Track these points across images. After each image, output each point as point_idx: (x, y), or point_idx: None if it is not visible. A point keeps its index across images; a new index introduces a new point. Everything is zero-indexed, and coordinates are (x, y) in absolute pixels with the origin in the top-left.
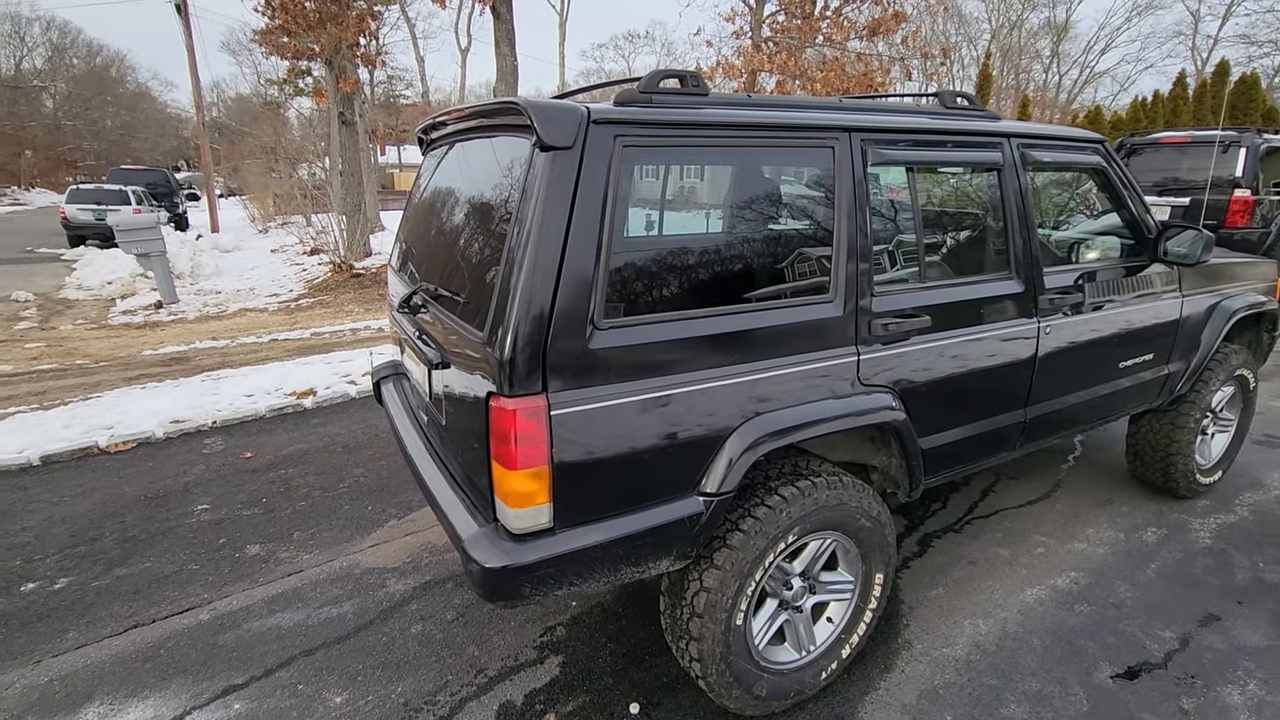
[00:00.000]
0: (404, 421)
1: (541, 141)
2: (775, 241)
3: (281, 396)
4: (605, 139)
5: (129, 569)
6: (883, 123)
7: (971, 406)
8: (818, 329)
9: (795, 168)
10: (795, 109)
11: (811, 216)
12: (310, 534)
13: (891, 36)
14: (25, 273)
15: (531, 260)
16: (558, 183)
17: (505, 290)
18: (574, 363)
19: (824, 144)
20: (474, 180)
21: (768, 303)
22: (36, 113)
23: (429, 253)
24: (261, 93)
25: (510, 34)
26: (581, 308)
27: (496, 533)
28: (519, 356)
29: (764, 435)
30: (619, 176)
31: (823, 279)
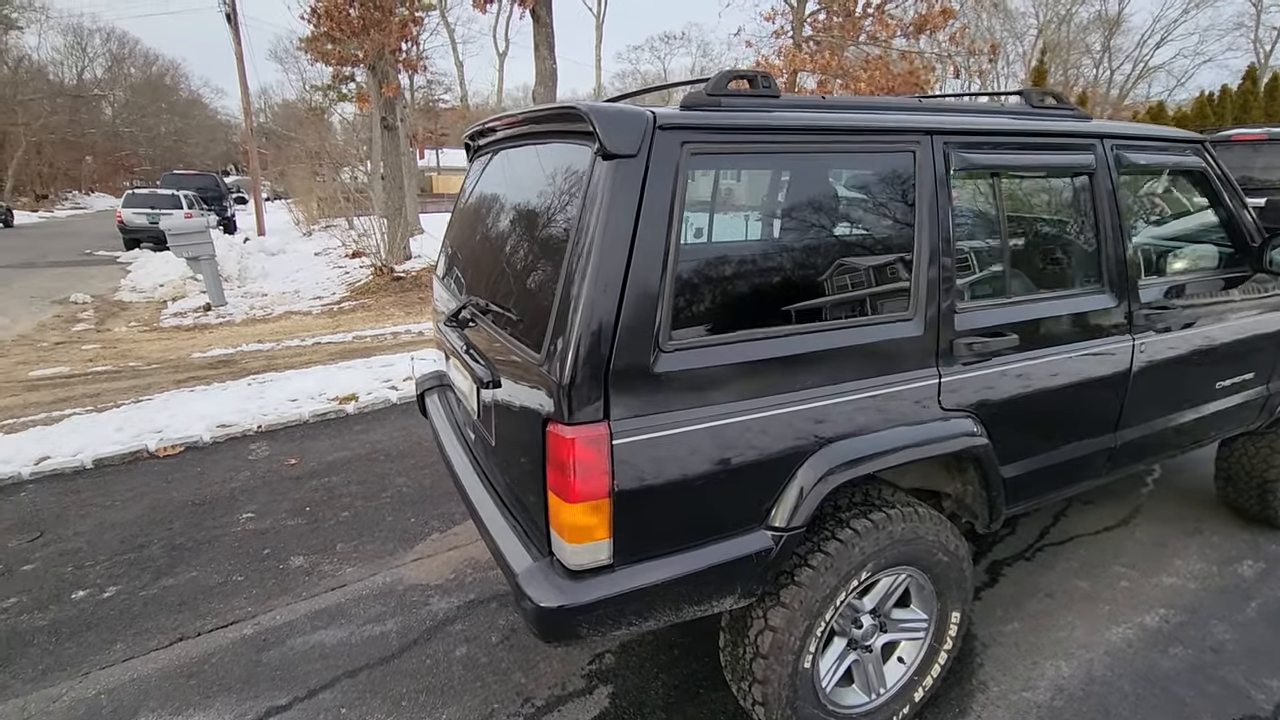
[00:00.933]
0: (450, 437)
1: (604, 149)
2: (850, 254)
3: (324, 401)
4: (671, 146)
5: (175, 579)
6: (966, 124)
7: (1058, 432)
8: (897, 349)
9: (873, 174)
10: (872, 111)
11: (891, 229)
12: (353, 546)
13: (938, 34)
14: (84, 275)
15: (593, 278)
16: (621, 194)
17: (564, 309)
18: (637, 387)
19: (904, 148)
20: (527, 189)
21: (842, 321)
22: (96, 120)
23: (477, 264)
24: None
25: (550, 37)
26: (646, 328)
27: (552, 568)
28: (579, 381)
29: (839, 465)
30: (686, 187)
31: (902, 295)
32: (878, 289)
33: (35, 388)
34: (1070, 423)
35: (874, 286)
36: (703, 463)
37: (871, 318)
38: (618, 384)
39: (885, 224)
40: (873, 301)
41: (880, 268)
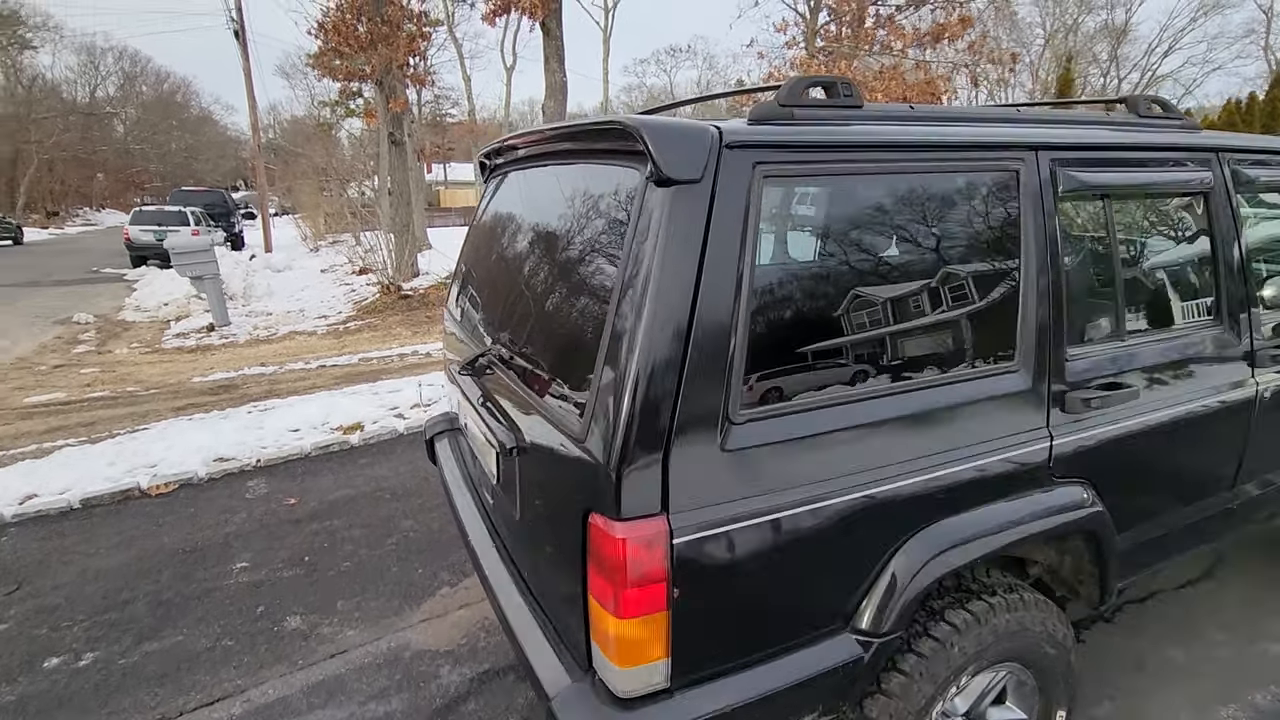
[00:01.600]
0: (463, 495)
1: (659, 173)
2: (947, 296)
3: (327, 431)
4: (742, 168)
5: (159, 643)
6: (1074, 138)
7: (1177, 492)
8: (1000, 407)
9: (970, 198)
10: (969, 123)
11: (991, 261)
12: (355, 603)
13: (956, 42)
14: (89, 294)
15: (648, 334)
16: (681, 229)
17: (611, 372)
18: (703, 470)
19: (1006, 166)
20: (557, 218)
21: (938, 376)
22: (108, 137)
23: (498, 303)
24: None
25: (560, 50)
26: (714, 394)
27: (594, 691)
28: (632, 463)
29: (940, 551)
30: (759, 218)
31: (1007, 341)
32: (979, 336)
33: (29, 415)
34: (1190, 481)
35: (974, 333)
36: (780, 558)
37: (972, 370)
38: (680, 465)
39: (985, 257)
40: (973, 351)
41: (981, 310)
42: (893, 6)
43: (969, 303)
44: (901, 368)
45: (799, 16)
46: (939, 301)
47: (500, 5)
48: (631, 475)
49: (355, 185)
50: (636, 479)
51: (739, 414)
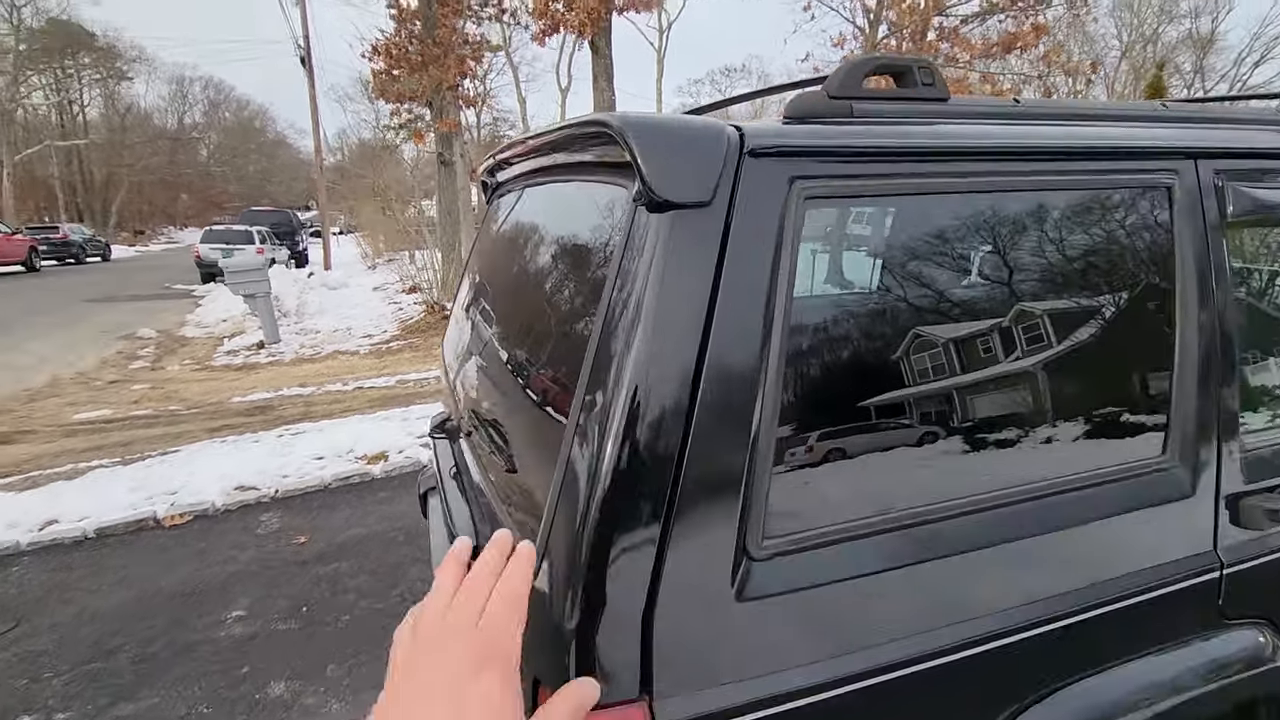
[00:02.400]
0: None
1: (649, 193)
2: (1066, 366)
3: (351, 460)
4: (773, 185)
5: (135, 704)
6: (1250, 142)
7: None
8: (1143, 520)
9: (1097, 222)
10: (1096, 122)
11: (1128, 312)
12: (347, 669)
13: (1029, 53)
14: (157, 309)
15: (625, 433)
16: (679, 274)
17: (575, 484)
18: (708, 632)
19: (1151, 179)
20: (537, 256)
21: (1054, 479)
22: (192, 161)
23: (474, 356)
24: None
25: (608, 69)
26: (724, 520)
27: None
28: (596, 624)
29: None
30: (795, 256)
31: (1150, 423)
32: (1112, 419)
33: (74, 433)
34: None
35: (1106, 416)
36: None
37: (1102, 468)
38: (670, 626)
39: (1122, 308)
40: (1104, 440)
41: (1118, 383)
42: (958, 19)
43: (1100, 374)
44: (1001, 471)
45: (857, 30)
46: (1058, 376)
47: (550, 25)
48: (594, 640)
49: (414, 204)
50: (602, 646)
51: (762, 545)
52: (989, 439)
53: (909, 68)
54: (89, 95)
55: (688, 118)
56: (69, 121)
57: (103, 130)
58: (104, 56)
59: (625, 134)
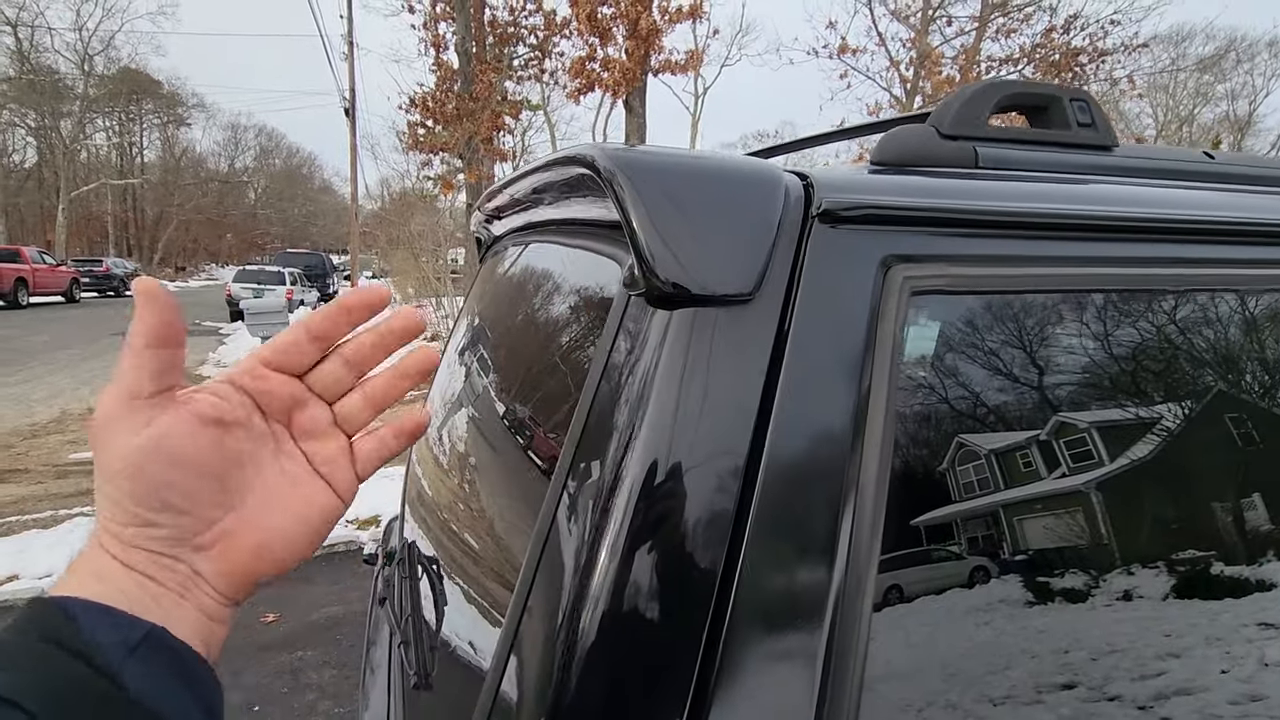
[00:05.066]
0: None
1: (650, 277)
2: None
3: (340, 525)
4: (859, 266)
5: None
6: None
7: None
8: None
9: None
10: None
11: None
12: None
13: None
14: None
15: (606, 634)
16: (703, 405)
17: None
18: None
19: None
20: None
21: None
22: (240, 203)
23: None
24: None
25: (642, 128)
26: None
27: None
28: None
29: None
30: (894, 384)
31: None
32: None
33: (65, 474)
34: None
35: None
36: None
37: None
38: None
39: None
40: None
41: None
42: None
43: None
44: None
45: (893, 99)
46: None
47: (585, 84)
48: None
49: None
50: None
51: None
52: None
53: (1057, 100)
54: (148, 138)
55: (721, 155)
56: (127, 162)
57: (158, 171)
58: (166, 103)
59: (615, 178)
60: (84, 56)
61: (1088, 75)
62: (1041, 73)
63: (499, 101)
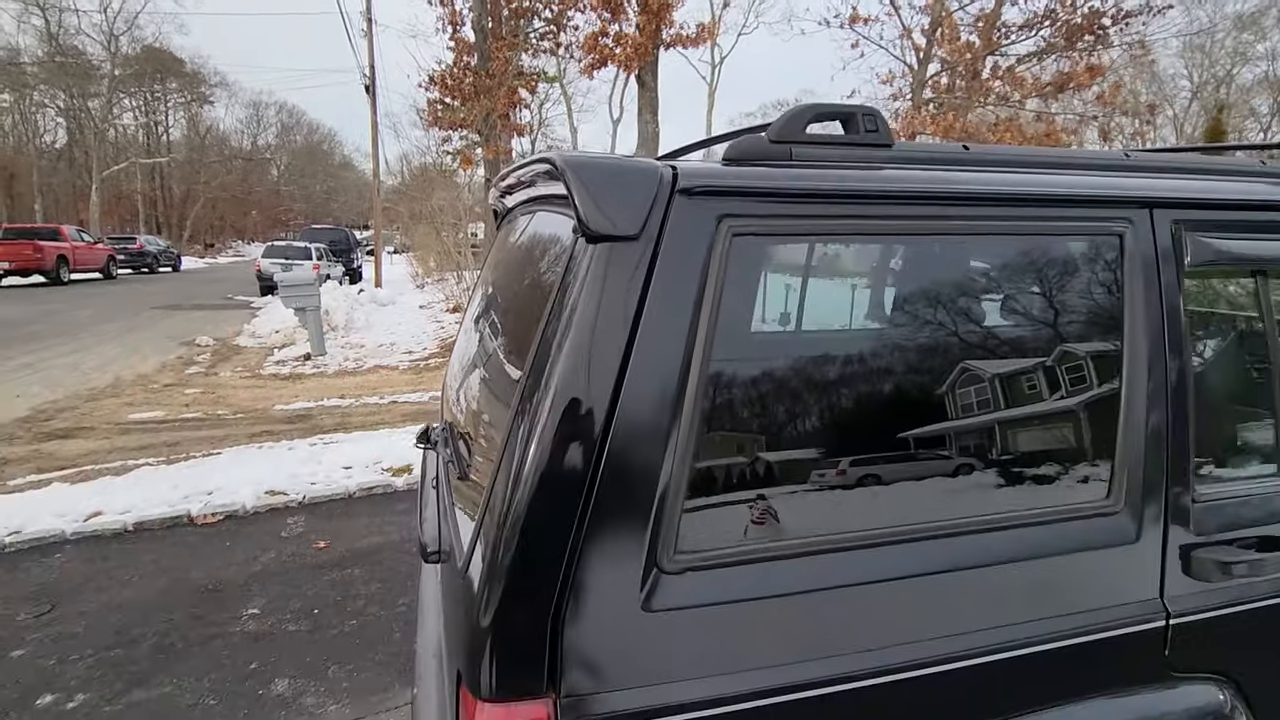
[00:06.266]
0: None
1: (585, 225)
2: (1007, 410)
3: (377, 471)
4: (700, 221)
5: (147, 692)
6: (1212, 192)
7: None
8: (1088, 566)
9: (1049, 272)
10: (1050, 169)
11: (1072, 356)
12: (348, 671)
13: (1084, 93)
14: (217, 318)
15: (545, 438)
16: (608, 300)
17: (502, 488)
18: (616, 637)
19: (1104, 229)
20: (513, 279)
21: (993, 516)
22: (263, 180)
23: (459, 372)
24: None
25: (654, 102)
26: (635, 533)
27: None
28: (504, 619)
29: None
30: (722, 289)
31: (1098, 474)
32: (1050, 460)
33: (128, 431)
34: None
35: (1043, 456)
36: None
37: (1044, 510)
38: (579, 629)
39: (1068, 356)
40: (1041, 481)
41: (1056, 425)
42: (1014, 57)
43: (1039, 415)
44: (927, 503)
45: (906, 68)
46: (991, 409)
47: (598, 60)
48: (503, 639)
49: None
50: (509, 642)
51: (673, 559)
52: (912, 477)
53: (853, 114)
54: (174, 117)
55: (626, 158)
56: (154, 141)
57: (184, 149)
58: (190, 82)
59: (565, 172)
60: (110, 36)
61: (1110, 38)
62: (1063, 36)
63: (515, 76)
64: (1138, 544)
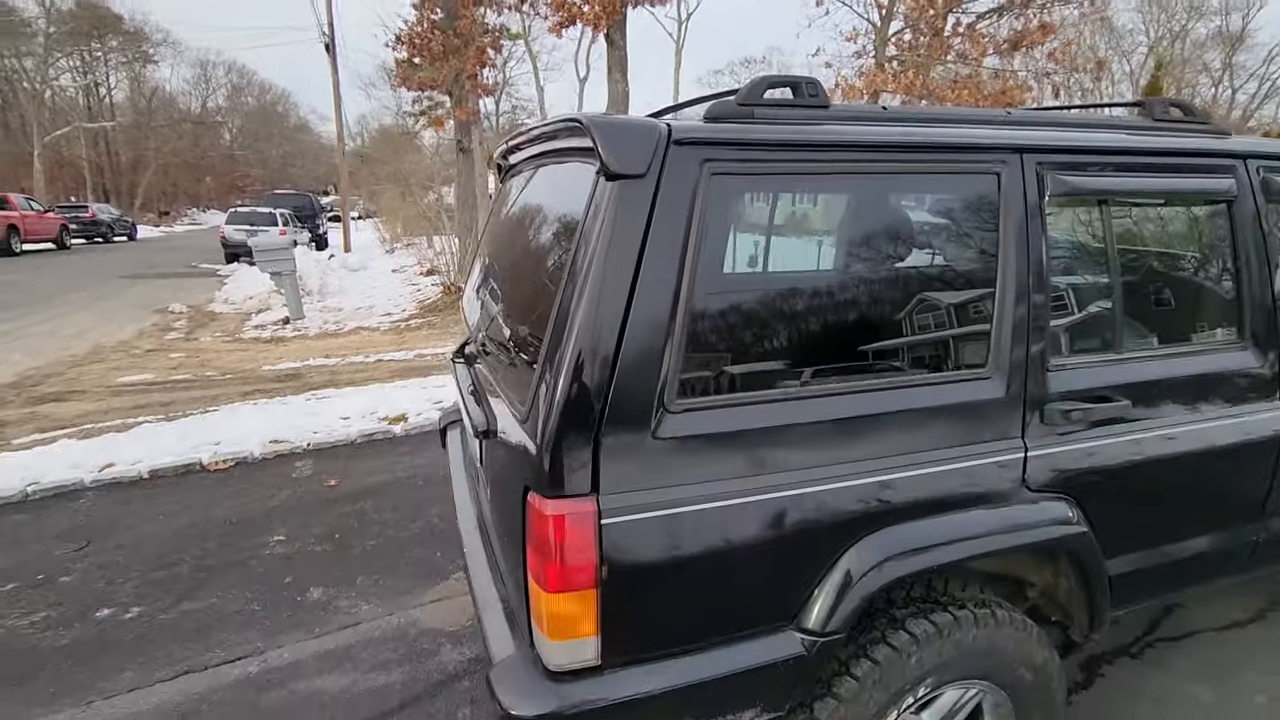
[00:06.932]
0: (460, 482)
1: (606, 168)
2: (914, 301)
3: (375, 421)
4: (689, 164)
5: (196, 603)
6: (1067, 141)
7: (1183, 519)
8: (970, 415)
9: (946, 203)
10: (946, 124)
11: (966, 268)
12: (374, 579)
13: (1035, 51)
14: (185, 286)
15: (586, 320)
16: (623, 222)
17: (551, 359)
18: (635, 455)
19: (985, 168)
20: (537, 214)
21: (901, 379)
22: (216, 144)
23: (490, 296)
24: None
25: (623, 60)
26: (648, 384)
27: (533, 665)
28: (562, 446)
29: (889, 557)
30: (706, 214)
31: (979, 349)
32: (947, 341)
33: (119, 393)
34: (1200, 508)
35: (943, 338)
36: (717, 548)
37: (939, 375)
38: (611, 451)
39: (959, 263)
40: (940, 356)
41: (951, 316)
42: (974, 14)
43: (939, 309)
44: (859, 369)
45: (870, 25)
46: (904, 307)
47: (566, 18)
48: (562, 455)
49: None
50: (567, 459)
51: (675, 403)
52: (845, 349)
53: (799, 83)
54: (115, 78)
55: (636, 117)
56: (96, 104)
57: (129, 113)
58: (131, 40)
59: (590, 128)
60: None
61: None
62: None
63: (483, 34)
64: (1006, 398)
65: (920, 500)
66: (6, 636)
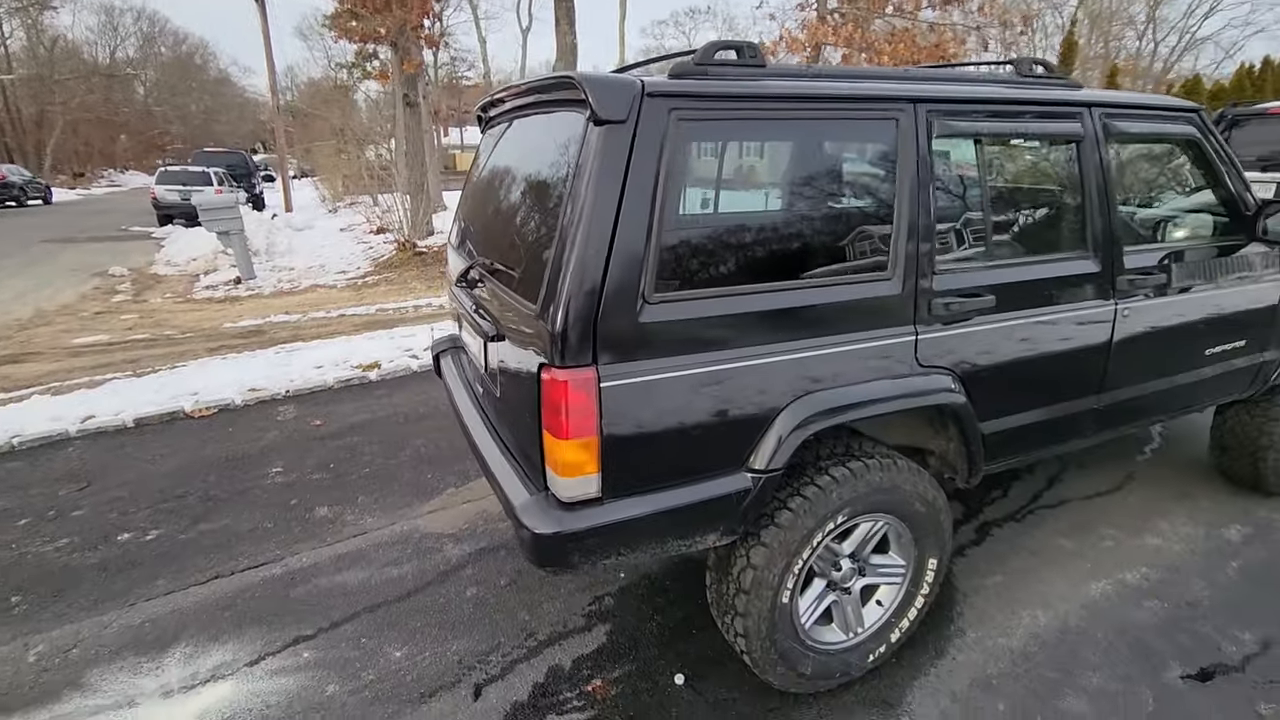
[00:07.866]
0: (461, 394)
1: (595, 115)
2: (833, 219)
3: (348, 369)
4: (659, 112)
5: (211, 525)
6: (950, 93)
7: (1038, 391)
8: (874, 307)
9: (856, 142)
10: (856, 80)
11: (872, 193)
12: (374, 499)
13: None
14: (121, 249)
15: (584, 236)
16: (610, 157)
17: (558, 266)
18: (624, 337)
19: (887, 116)
20: (530, 157)
21: (822, 279)
22: (130, 99)
23: (486, 229)
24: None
25: (570, 11)
26: (632, 282)
27: (547, 501)
28: (570, 330)
29: (814, 414)
30: (673, 151)
31: (882, 257)
32: (859, 250)
33: (78, 354)
34: (1050, 383)
35: (856, 248)
36: (685, 407)
37: (851, 277)
38: (606, 334)
39: (868, 190)
40: (853, 261)
41: (863, 231)
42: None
43: (851, 226)
44: (791, 273)
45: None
46: (826, 224)
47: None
48: (570, 337)
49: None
50: (573, 341)
51: (653, 297)
52: (781, 258)
53: (742, 47)
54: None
55: (617, 75)
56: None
57: (30, 65)
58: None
59: (582, 83)
60: None
61: None
62: None
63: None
64: (902, 294)
65: (838, 373)
66: (36, 560)
